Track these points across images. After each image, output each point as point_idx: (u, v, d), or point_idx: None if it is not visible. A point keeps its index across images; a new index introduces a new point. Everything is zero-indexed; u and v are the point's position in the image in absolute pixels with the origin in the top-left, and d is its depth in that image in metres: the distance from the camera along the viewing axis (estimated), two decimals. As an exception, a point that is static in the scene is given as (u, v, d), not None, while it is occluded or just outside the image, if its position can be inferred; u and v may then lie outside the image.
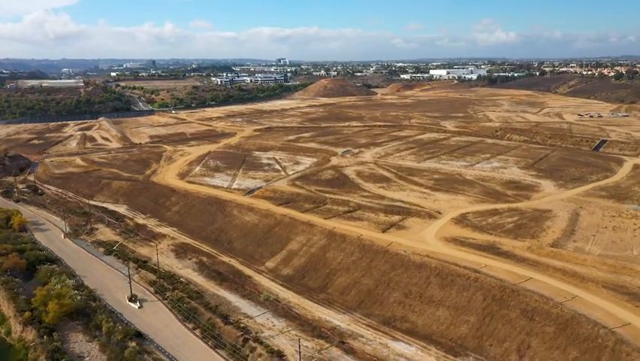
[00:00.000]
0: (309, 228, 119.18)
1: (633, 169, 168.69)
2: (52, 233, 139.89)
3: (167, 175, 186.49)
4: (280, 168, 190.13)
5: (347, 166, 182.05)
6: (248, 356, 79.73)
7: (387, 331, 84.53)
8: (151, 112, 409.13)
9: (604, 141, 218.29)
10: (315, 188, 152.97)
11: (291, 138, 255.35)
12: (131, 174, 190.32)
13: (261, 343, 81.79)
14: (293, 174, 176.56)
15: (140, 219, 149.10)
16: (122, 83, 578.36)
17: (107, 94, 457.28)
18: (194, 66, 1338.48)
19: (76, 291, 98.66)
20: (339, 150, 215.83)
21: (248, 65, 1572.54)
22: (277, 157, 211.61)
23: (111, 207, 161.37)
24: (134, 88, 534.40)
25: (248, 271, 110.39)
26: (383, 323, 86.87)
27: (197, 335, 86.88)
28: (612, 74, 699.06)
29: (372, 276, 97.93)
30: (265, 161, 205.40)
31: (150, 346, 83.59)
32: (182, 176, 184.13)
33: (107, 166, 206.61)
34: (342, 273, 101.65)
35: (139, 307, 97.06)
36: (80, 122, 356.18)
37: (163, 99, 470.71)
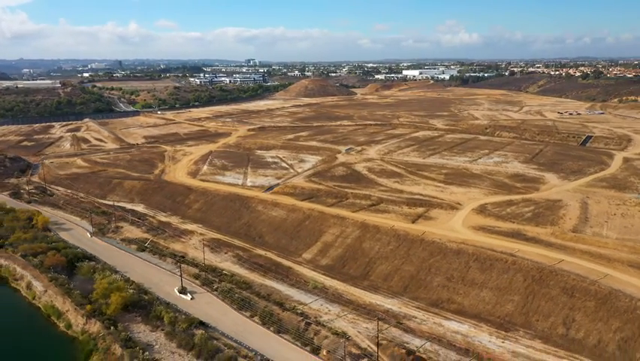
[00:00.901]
0: (340, 220, 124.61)
1: (624, 162, 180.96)
2: (76, 232, 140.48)
3: (177, 174, 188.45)
4: (287, 166, 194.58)
5: (356, 163, 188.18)
6: (313, 338, 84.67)
7: (437, 312, 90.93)
8: (136, 113, 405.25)
9: (589, 137, 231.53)
10: (333, 184, 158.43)
11: (290, 137, 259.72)
12: (140, 174, 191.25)
13: (324, 326, 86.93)
14: (304, 171, 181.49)
15: (162, 217, 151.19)
16: (99, 84, 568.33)
17: (86, 95, 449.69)
18: (162, 66, 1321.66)
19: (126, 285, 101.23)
20: (342, 148, 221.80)
21: (217, 66, 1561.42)
22: (280, 156, 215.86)
23: (128, 206, 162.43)
24: (112, 89, 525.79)
25: (286, 263, 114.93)
26: (431, 305, 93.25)
27: (256, 322, 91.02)
28: (578, 74, 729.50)
29: (413, 263, 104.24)
30: (269, 159, 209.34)
31: (215, 333, 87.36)
32: (192, 175, 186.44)
33: (111, 167, 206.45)
34: (382, 261, 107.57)
35: (191, 299, 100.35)
36: (64, 123, 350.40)
37: (145, 100, 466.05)
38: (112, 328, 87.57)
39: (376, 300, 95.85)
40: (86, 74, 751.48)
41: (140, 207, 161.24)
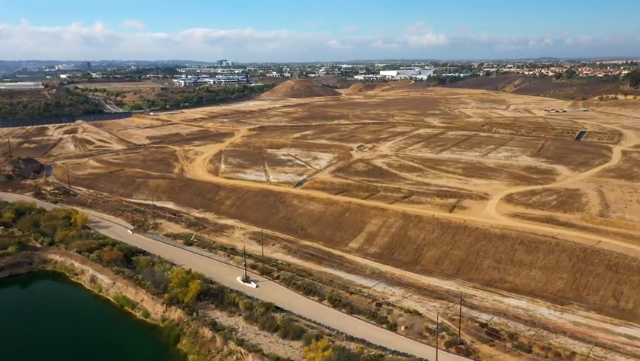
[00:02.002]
0: (380, 212, 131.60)
1: (623, 155, 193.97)
2: (116, 229, 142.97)
3: (198, 172, 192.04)
4: (303, 164, 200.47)
5: (373, 159, 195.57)
6: (387, 316, 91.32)
7: (494, 290, 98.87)
8: (127, 114, 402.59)
9: (583, 132, 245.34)
10: (360, 178, 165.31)
11: (297, 135, 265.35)
12: (160, 173, 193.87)
13: (394, 306, 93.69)
14: (325, 167, 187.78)
15: (196, 214, 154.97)
16: (80, 86, 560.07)
17: (73, 97, 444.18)
18: (133, 68, 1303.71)
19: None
20: (352, 145, 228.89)
21: (189, 67, 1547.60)
22: (292, 154, 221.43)
23: (158, 204, 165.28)
24: (96, 90, 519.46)
25: (336, 252, 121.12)
26: (486, 285, 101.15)
27: (327, 305, 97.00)
28: (551, 74, 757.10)
29: (460, 248, 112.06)
30: (283, 157, 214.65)
31: (292, 316, 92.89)
32: (213, 173, 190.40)
33: (128, 167, 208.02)
34: (430, 247, 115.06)
35: (256, 287, 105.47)
36: (58, 125, 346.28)
37: (132, 101, 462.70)
38: (194, 314, 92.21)
39: (434, 282, 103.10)
40: (63, 76, 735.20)
41: (170, 205, 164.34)
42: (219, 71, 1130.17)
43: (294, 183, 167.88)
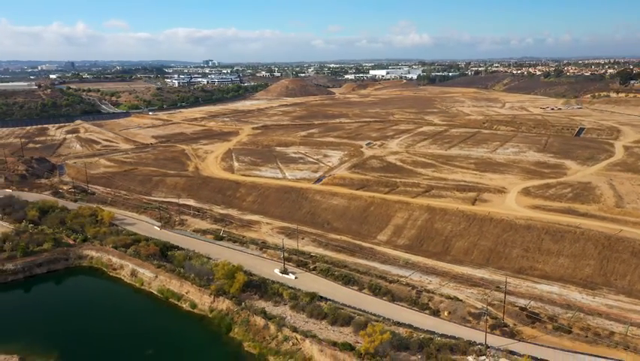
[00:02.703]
0: (405, 205, 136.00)
1: (626, 150, 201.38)
2: (143, 226, 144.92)
3: (214, 170, 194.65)
4: (315, 161, 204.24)
5: (385, 156, 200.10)
6: (428, 303, 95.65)
7: (525, 278, 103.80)
8: (126, 114, 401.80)
9: (582, 129, 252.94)
10: (377, 174, 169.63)
11: (303, 134, 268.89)
12: (176, 171, 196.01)
13: (434, 293, 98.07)
14: (338, 164, 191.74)
15: (219, 210, 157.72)
16: (73, 86, 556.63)
17: (70, 97, 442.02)
18: (118, 68, 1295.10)
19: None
20: (361, 143, 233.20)
21: (174, 66, 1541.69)
22: (302, 151, 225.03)
23: (178, 201, 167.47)
24: (89, 90, 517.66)
25: (365, 244, 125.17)
26: (516, 273, 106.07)
27: (367, 294, 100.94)
28: (539, 73, 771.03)
29: (488, 238, 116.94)
30: (294, 155, 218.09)
31: (337, 304, 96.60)
32: (228, 170, 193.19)
33: (141, 165, 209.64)
34: (458, 238, 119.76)
35: (295, 278, 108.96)
36: (58, 125, 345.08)
37: (128, 101, 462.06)
38: (243, 304, 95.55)
39: (466, 271, 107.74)
40: (52, 76, 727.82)
41: (191, 202, 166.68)
42: (207, 71, 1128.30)
43: (312, 180, 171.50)
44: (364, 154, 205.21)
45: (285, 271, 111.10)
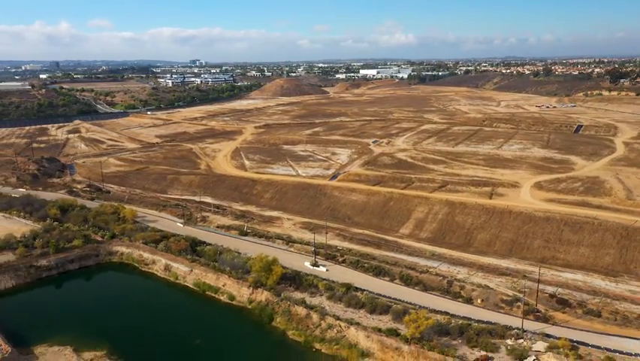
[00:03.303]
0: (424, 200, 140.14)
1: (626, 146, 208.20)
2: (165, 223, 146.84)
3: (226, 168, 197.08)
4: (324, 158, 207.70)
5: (394, 153, 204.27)
6: (460, 292, 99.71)
7: (548, 267, 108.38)
8: (124, 114, 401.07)
9: (580, 126, 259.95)
10: (391, 171, 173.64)
11: (308, 132, 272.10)
12: (189, 170, 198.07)
13: (464, 282, 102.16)
14: (348, 162, 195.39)
15: (238, 207, 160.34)
16: (66, 86, 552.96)
17: (65, 97, 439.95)
18: (104, 68, 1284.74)
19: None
20: (367, 141, 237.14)
21: (161, 66, 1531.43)
22: (310, 149, 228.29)
23: (195, 198, 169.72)
24: (83, 90, 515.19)
25: (389, 238, 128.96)
26: (539, 262, 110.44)
27: (399, 284, 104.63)
28: (527, 72, 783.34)
29: (509, 230, 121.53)
30: (302, 153, 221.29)
31: (372, 293, 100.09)
32: (241, 168, 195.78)
33: (152, 164, 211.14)
34: (480, 231, 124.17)
35: (326, 270, 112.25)
36: (58, 125, 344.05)
37: (124, 101, 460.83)
38: (282, 295, 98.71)
39: (491, 261, 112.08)
40: (42, 76, 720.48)
41: (208, 199, 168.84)
42: (197, 71, 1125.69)
43: (325, 177, 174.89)
44: (374, 152, 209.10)
45: (315, 264, 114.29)
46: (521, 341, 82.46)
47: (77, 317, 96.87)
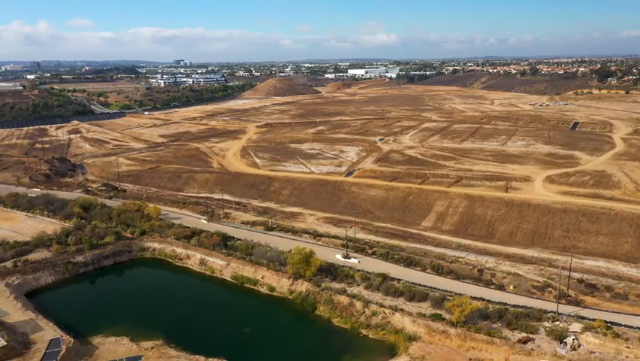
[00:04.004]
0: (443, 194, 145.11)
1: (624, 141, 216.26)
2: (188, 219, 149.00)
3: (239, 166, 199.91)
4: (333, 156, 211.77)
5: (403, 150, 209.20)
6: (491, 279, 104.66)
7: (569, 255, 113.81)
8: (121, 114, 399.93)
9: (577, 123, 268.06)
10: (404, 167, 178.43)
11: (312, 131, 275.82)
12: (202, 168, 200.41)
13: (494, 270, 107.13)
14: (358, 159, 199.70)
15: (257, 203, 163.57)
16: (56, 86, 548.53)
17: (59, 98, 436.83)
18: (87, 68, 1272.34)
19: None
20: (373, 139, 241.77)
21: (144, 66, 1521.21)
22: (317, 147, 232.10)
23: (214, 196, 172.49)
24: (75, 90, 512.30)
25: (412, 230, 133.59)
26: (561, 251, 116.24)
27: (431, 273, 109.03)
28: (514, 71, 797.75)
29: (529, 222, 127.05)
30: (311, 151, 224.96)
31: (407, 283, 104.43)
32: (254, 166, 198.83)
33: (163, 163, 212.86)
34: (501, 223, 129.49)
35: (358, 262, 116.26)
36: (57, 125, 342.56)
37: (118, 101, 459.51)
38: (322, 285, 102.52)
39: (516, 251, 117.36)
40: (30, 77, 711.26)
41: (226, 197, 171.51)
42: (182, 71, 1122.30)
43: (339, 173, 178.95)
44: (383, 149, 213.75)
45: (347, 256, 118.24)
46: (557, 323, 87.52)
47: (123, 310, 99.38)
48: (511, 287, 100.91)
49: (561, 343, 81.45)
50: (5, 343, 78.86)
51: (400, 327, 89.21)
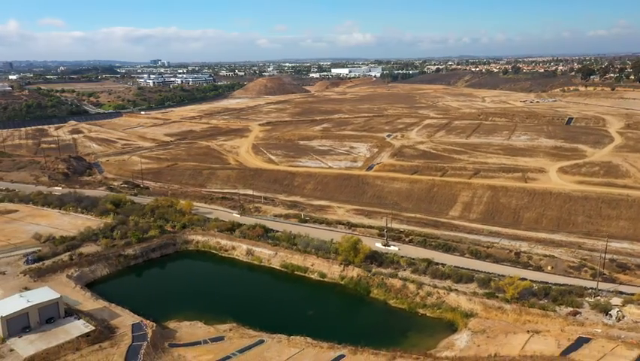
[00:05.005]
0: (466, 185, 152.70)
1: (621, 135, 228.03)
2: (220, 214, 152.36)
3: (256, 163, 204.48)
4: (345, 152, 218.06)
5: (415, 145, 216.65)
6: (529, 261, 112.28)
7: (595, 238, 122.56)
8: (117, 114, 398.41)
9: (571, 119, 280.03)
10: (421, 161, 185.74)
11: (318, 128, 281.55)
12: (220, 165, 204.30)
13: (530, 253, 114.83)
14: (372, 154, 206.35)
15: (284, 197, 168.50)
16: (43, 87, 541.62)
17: (52, 98, 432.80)
18: (62, 68, 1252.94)
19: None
20: (382, 135, 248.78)
21: (120, 66, 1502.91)
22: (327, 144, 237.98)
23: (239, 191, 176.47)
24: (63, 91, 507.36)
25: (442, 220, 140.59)
26: (587, 235, 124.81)
27: (469, 258, 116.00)
28: (495, 70, 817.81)
29: (553, 209, 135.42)
30: (322, 148, 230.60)
31: (451, 266, 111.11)
32: (271, 162, 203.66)
33: (180, 161, 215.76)
34: (525, 210, 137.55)
35: (398, 249, 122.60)
36: (55, 126, 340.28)
37: (110, 101, 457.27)
38: (373, 270, 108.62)
39: (545, 236, 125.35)
40: (12, 77, 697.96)
41: (250, 192, 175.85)
42: (163, 70, 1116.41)
43: (359, 168, 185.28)
44: (394, 144, 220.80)
45: (386, 244, 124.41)
46: (598, 298, 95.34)
47: (184, 298, 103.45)
48: (549, 268, 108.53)
49: (606, 315, 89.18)
50: (93, 328, 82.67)
51: (455, 305, 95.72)
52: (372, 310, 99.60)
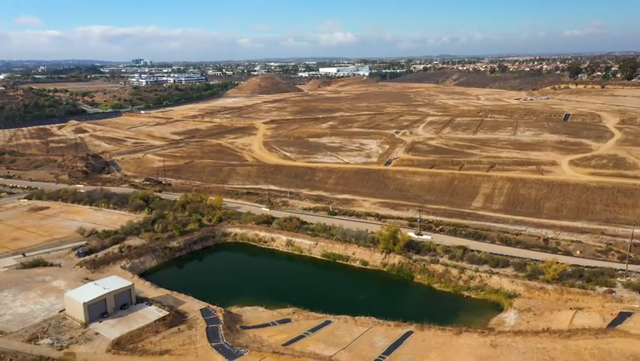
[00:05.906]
0: (485, 178, 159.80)
1: (620, 130, 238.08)
2: (248, 208, 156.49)
3: (273, 159, 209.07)
4: (357, 148, 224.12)
5: (425, 141, 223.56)
6: (557, 247, 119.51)
7: (615, 225, 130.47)
8: (116, 113, 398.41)
9: (568, 115, 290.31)
10: (437, 156, 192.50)
11: (325, 126, 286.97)
12: (239, 161, 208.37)
13: (557, 239, 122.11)
14: (389, 149, 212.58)
15: (307, 192, 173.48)
16: (34, 87, 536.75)
17: (48, 98, 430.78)
18: (43, 68, 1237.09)
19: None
20: (389, 132, 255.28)
21: (101, 66, 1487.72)
22: (337, 141, 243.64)
23: (262, 186, 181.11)
24: (56, 90, 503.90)
25: (466, 210, 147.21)
26: (605, 222, 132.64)
27: (499, 244, 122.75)
28: (482, 68, 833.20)
29: (571, 199, 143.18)
30: (332, 145, 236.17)
31: (486, 252, 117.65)
32: (287, 159, 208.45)
33: (196, 158, 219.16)
34: (545, 201, 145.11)
35: (431, 238, 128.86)
36: (57, 125, 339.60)
37: (106, 101, 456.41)
38: (414, 257, 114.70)
39: (568, 224, 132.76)
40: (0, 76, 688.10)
41: (273, 187, 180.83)
42: (148, 70, 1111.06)
43: (374, 163, 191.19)
44: (405, 141, 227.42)
45: (419, 234, 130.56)
46: (629, 278, 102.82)
47: (237, 286, 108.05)
48: (578, 252, 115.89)
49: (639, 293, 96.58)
50: (167, 312, 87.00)
51: (497, 287, 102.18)
52: (418, 293, 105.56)
